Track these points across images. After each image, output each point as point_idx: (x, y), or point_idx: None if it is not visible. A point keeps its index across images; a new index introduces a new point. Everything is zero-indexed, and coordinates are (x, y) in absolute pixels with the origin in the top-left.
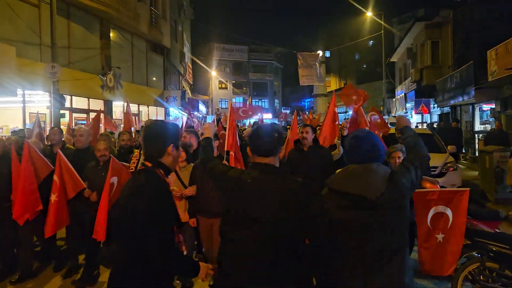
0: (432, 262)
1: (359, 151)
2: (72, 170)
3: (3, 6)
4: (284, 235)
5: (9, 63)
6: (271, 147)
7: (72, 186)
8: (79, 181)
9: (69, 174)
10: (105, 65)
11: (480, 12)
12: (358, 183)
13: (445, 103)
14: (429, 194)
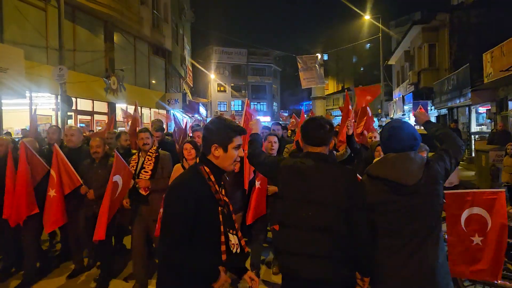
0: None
1: (398, 140)
2: (69, 166)
3: (12, 10)
4: (340, 216)
5: (17, 66)
6: (324, 138)
7: (68, 183)
8: (76, 177)
9: (66, 170)
10: (109, 68)
11: (476, 16)
12: (397, 170)
13: (442, 105)
14: (464, 195)
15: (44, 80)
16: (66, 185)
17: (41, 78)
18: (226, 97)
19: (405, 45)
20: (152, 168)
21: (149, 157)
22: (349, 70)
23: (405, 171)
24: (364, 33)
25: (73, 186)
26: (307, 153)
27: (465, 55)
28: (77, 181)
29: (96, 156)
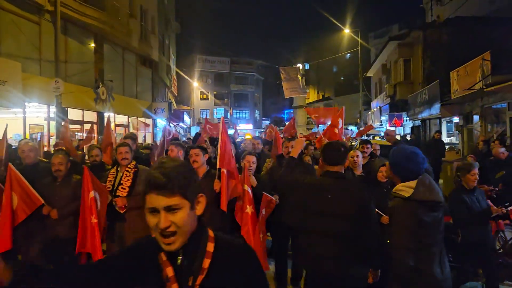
0: None
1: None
2: (27, 185)
3: (8, 23)
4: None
5: (15, 78)
6: (340, 158)
7: (28, 203)
8: (36, 197)
9: (24, 190)
10: (99, 78)
11: (447, 34)
12: (434, 192)
13: (415, 116)
14: None
15: (37, 91)
16: (25, 206)
17: (34, 89)
18: (209, 105)
19: (383, 58)
20: (130, 185)
21: (127, 173)
22: (329, 79)
23: (438, 191)
24: (344, 44)
25: (34, 207)
26: (326, 171)
27: (437, 70)
28: (37, 201)
29: (58, 174)
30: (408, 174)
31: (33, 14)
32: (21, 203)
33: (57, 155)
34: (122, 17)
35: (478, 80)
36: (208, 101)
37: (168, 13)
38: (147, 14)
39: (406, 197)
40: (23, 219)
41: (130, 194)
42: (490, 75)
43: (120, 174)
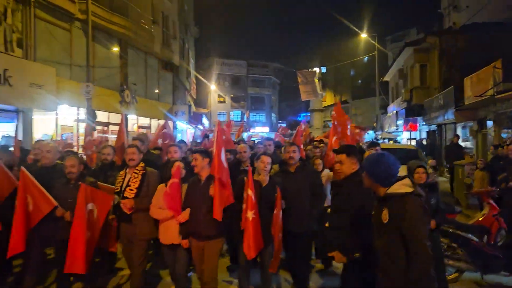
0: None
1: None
2: (40, 188)
3: (43, 31)
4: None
5: (50, 83)
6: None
7: (41, 207)
8: (49, 200)
9: (36, 194)
10: (123, 82)
11: (463, 40)
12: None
13: (431, 121)
14: None
15: (68, 94)
16: (39, 208)
17: (65, 92)
18: (226, 108)
19: (399, 63)
20: (138, 186)
21: (135, 174)
22: (346, 82)
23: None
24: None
25: (48, 209)
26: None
27: (453, 75)
28: (51, 204)
29: (71, 176)
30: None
31: (64, 22)
32: (36, 206)
33: (70, 158)
34: (145, 23)
35: (490, 87)
36: (225, 103)
37: (187, 18)
38: (169, 20)
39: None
40: (37, 221)
41: (137, 195)
42: (501, 83)
43: (128, 176)
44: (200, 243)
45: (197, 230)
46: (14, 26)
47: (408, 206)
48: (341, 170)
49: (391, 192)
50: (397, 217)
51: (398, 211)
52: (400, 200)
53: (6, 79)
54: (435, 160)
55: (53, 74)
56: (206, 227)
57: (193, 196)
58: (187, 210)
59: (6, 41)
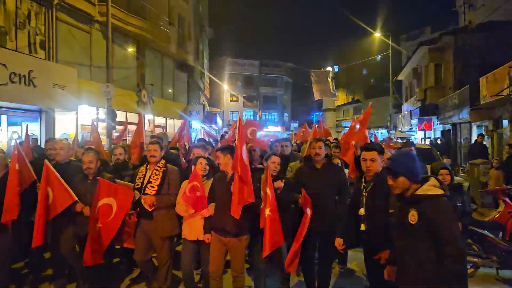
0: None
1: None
2: (62, 182)
3: (64, 33)
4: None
5: (72, 83)
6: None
7: (61, 200)
8: (70, 194)
9: (58, 187)
10: (140, 82)
11: (479, 39)
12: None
13: (446, 121)
14: None
15: (88, 94)
16: (58, 203)
17: (85, 92)
18: (238, 107)
19: (413, 62)
20: (159, 184)
21: (156, 171)
22: (359, 82)
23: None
24: (375, 46)
25: (67, 203)
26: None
27: (468, 75)
28: (71, 198)
29: (88, 171)
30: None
31: (84, 24)
32: (55, 199)
33: (88, 153)
34: (162, 25)
35: (505, 87)
36: (238, 103)
37: (202, 19)
38: (184, 21)
39: (442, 194)
40: (55, 215)
41: (158, 193)
42: None
43: (149, 172)
44: (224, 239)
45: (224, 227)
46: (37, 29)
47: (442, 209)
48: (373, 168)
49: (422, 193)
50: (429, 219)
51: (431, 213)
52: (432, 202)
53: (31, 80)
54: (450, 160)
55: (75, 75)
56: (233, 224)
57: (219, 192)
58: (212, 205)
59: (30, 43)
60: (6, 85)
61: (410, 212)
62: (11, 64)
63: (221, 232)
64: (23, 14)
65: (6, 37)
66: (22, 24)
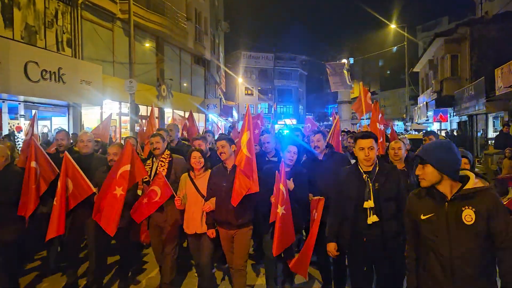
0: None
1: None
2: (81, 173)
3: (89, 31)
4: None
5: (97, 79)
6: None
7: (80, 191)
8: (88, 186)
9: (77, 178)
10: (160, 77)
11: (495, 30)
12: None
13: (462, 112)
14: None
15: (111, 90)
16: (77, 194)
17: (109, 88)
18: (253, 100)
19: (429, 54)
20: (166, 174)
21: (162, 163)
22: (375, 73)
23: None
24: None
25: (85, 195)
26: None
27: (484, 66)
28: (89, 189)
29: (112, 163)
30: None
31: (107, 22)
32: (75, 190)
33: (113, 146)
34: (180, 20)
35: None
36: (253, 96)
37: (218, 14)
38: (201, 16)
39: (489, 186)
40: (74, 205)
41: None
42: None
43: (155, 165)
44: (230, 232)
45: (228, 219)
46: (64, 27)
47: (498, 202)
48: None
49: (472, 187)
50: (488, 215)
51: (490, 208)
52: (487, 195)
53: (60, 77)
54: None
55: (100, 71)
56: (237, 216)
57: (220, 186)
58: (213, 200)
59: (57, 42)
60: (39, 82)
61: (464, 211)
62: (42, 61)
63: (225, 225)
64: (51, 13)
65: (36, 36)
66: (50, 23)
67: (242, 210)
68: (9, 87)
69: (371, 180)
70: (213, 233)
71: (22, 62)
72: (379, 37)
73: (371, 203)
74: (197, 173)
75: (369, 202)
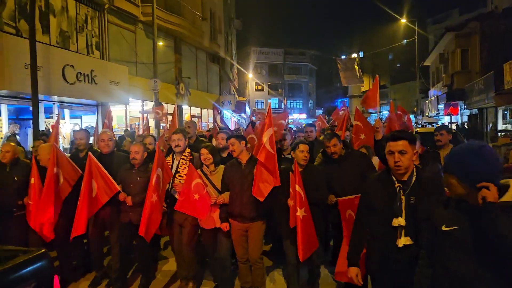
0: None
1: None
2: (105, 173)
3: (115, 34)
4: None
5: (124, 80)
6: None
7: (105, 190)
8: (113, 184)
9: (102, 178)
10: (178, 76)
11: (505, 24)
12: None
13: (472, 105)
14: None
15: (134, 89)
16: (103, 193)
17: (132, 87)
18: (263, 96)
19: (440, 48)
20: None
21: (183, 161)
22: (385, 67)
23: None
24: (401, 31)
25: (111, 194)
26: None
27: (494, 60)
28: (114, 188)
29: (134, 162)
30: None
31: (130, 24)
32: (101, 190)
33: (135, 144)
34: (196, 21)
35: None
36: (263, 91)
37: (230, 12)
38: (215, 16)
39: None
40: (102, 205)
41: None
42: None
43: (176, 162)
44: (243, 225)
45: (241, 213)
46: (93, 32)
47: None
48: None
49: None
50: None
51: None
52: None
53: (93, 78)
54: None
55: (126, 72)
56: (251, 209)
57: (234, 179)
58: (227, 193)
59: (87, 45)
60: (74, 84)
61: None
62: (77, 64)
63: (239, 218)
64: (82, 19)
65: (69, 41)
66: (81, 28)
67: (255, 203)
68: (50, 89)
69: (404, 192)
70: (227, 226)
71: (60, 66)
72: (389, 31)
73: (401, 221)
74: (212, 169)
75: (399, 219)
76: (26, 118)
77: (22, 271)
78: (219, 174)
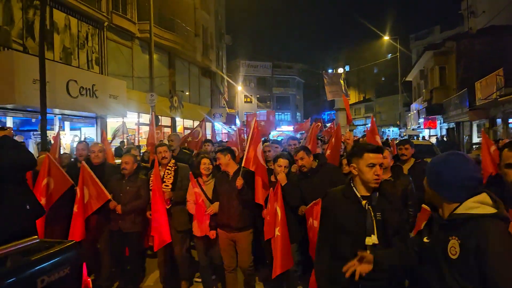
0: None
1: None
2: (97, 181)
3: (113, 50)
4: None
5: (122, 94)
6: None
7: (97, 198)
8: (104, 193)
9: (94, 186)
10: (172, 89)
11: (479, 44)
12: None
13: (450, 119)
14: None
15: (130, 102)
16: (94, 200)
17: (129, 100)
18: (252, 108)
19: (420, 65)
20: (172, 182)
21: (168, 171)
22: (370, 80)
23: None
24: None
25: (102, 201)
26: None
27: (470, 77)
28: (105, 196)
29: (124, 172)
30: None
31: (127, 41)
32: (92, 198)
33: (126, 155)
34: (189, 37)
35: (494, 91)
36: (252, 104)
37: (221, 28)
38: (207, 32)
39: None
40: (92, 212)
41: (173, 189)
42: (503, 87)
43: (162, 173)
44: (230, 235)
45: (229, 223)
46: (93, 48)
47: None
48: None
49: (462, 212)
50: (474, 251)
51: (477, 241)
52: (479, 225)
53: (94, 92)
54: None
55: (124, 86)
56: (238, 220)
57: (222, 191)
58: (216, 204)
59: (88, 61)
60: (77, 97)
61: (450, 241)
62: (79, 79)
63: (227, 228)
64: (83, 36)
65: (71, 57)
66: (82, 44)
67: (242, 214)
68: (55, 103)
69: (372, 208)
70: (214, 234)
71: (65, 81)
72: (374, 46)
73: (375, 239)
74: (205, 179)
75: (372, 238)
76: (27, 129)
77: (59, 257)
78: (211, 185)
